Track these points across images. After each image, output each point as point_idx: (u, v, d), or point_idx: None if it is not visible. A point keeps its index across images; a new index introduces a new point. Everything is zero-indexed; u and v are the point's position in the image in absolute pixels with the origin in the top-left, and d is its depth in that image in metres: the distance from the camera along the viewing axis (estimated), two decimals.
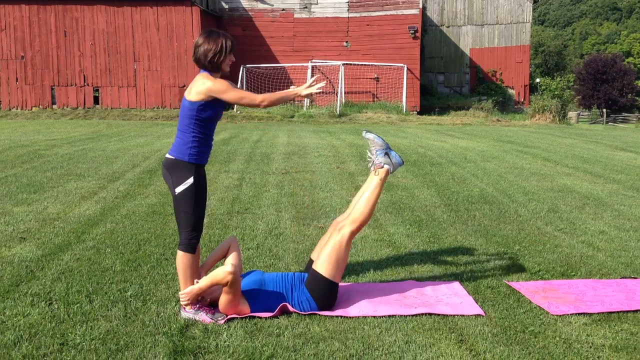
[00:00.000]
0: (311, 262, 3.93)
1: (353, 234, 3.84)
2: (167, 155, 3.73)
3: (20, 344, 3.21)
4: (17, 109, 26.44)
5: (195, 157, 3.67)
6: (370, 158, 4.01)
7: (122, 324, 3.50)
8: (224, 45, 3.65)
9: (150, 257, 4.83)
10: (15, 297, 3.89)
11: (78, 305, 3.77)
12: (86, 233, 5.56)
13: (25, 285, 4.11)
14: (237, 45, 3.82)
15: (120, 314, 3.64)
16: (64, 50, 26.04)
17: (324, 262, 3.78)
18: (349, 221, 3.87)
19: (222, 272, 3.51)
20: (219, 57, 3.65)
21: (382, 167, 3.93)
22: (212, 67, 3.67)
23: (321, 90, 3.74)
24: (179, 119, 3.72)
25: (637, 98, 50.61)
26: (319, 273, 3.77)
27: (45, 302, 3.82)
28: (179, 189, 3.66)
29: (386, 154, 3.94)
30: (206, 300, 3.72)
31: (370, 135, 3.97)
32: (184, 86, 25.59)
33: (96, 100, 26.31)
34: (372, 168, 3.97)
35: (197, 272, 3.77)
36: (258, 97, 3.66)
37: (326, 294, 3.74)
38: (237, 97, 3.64)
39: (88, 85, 26.19)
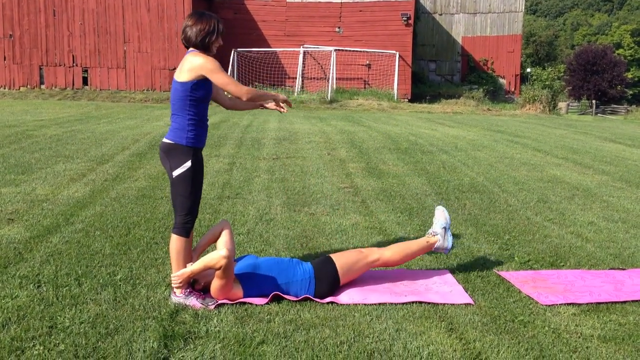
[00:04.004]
0: (327, 257, 4.00)
1: (374, 262, 4.04)
2: (164, 140, 3.69)
3: (8, 327, 3.18)
4: (4, 88, 26.14)
5: (192, 140, 3.65)
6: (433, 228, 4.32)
7: (112, 308, 3.48)
8: (216, 26, 3.63)
9: (140, 240, 4.80)
10: (3, 279, 3.85)
11: (67, 288, 3.75)
12: (75, 215, 5.52)
13: (14, 267, 4.08)
14: (228, 29, 3.83)
15: (109, 298, 3.62)
16: (52, 30, 25.74)
17: (342, 256, 3.96)
18: (382, 251, 4.08)
19: (217, 256, 3.49)
20: (212, 37, 3.63)
21: (435, 236, 4.23)
22: (202, 46, 3.64)
23: (284, 109, 3.98)
24: (172, 103, 3.68)
25: (627, 90, 50.88)
26: (333, 261, 3.89)
27: (34, 284, 3.79)
28: (176, 173, 3.63)
29: (444, 229, 4.24)
30: (200, 284, 3.71)
31: (441, 208, 4.34)
32: (174, 69, 25.34)
33: (85, 81, 26.06)
34: (429, 232, 4.28)
35: (189, 256, 3.75)
36: (244, 88, 3.69)
37: (328, 281, 3.80)
38: (225, 81, 3.61)
39: (77, 65, 25.93)
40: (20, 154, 8.94)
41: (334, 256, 3.96)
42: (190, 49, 3.67)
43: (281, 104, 3.95)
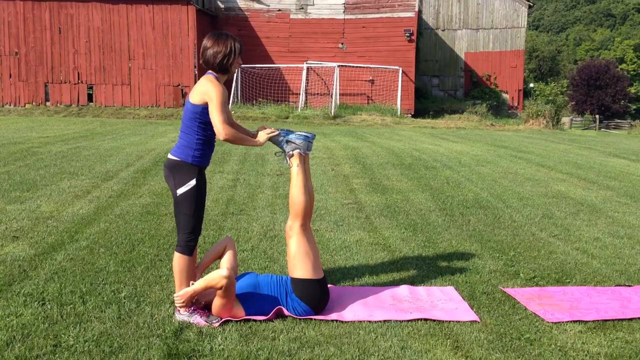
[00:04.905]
0: (291, 280, 3.91)
1: (303, 226, 3.86)
2: (170, 156, 3.70)
3: (12, 345, 3.17)
4: (10, 105, 26.28)
5: (198, 160, 3.65)
6: (281, 154, 4.02)
7: (116, 326, 3.47)
8: (233, 47, 3.65)
9: (144, 257, 4.80)
10: (7, 297, 3.85)
11: (71, 306, 3.74)
12: (80, 232, 5.53)
13: (18, 285, 4.08)
14: None
15: (114, 316, 3.61)
16: (58, 47, 25.92)
17: (294, 267, 3.80)
18: (291, 219, 3.89)
19: (217, 276, 3.49)
20: (228, 59, 3.65)
21: (292, 154, 3.93)
22: (220, 69, 3.66)
23: (274, 134, 3.80)
24: (182, 121, 3.70)
25: (630, 105, 50.88)
26: (297, 278, 3.77)
27: (38, 302, 3.78)
28: (180, 191, 3.64)
29: (287, 141, 3.94)
30: (200, 303, 3.70)
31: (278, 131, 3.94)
32: (179, 85, 25.52)
33: (90, 98, 26.18)
34: (286, 162, 3.98)
35: (193, 274, 3.75)
36: (225, 129, 3.51)
37: (315, 294, 3.73)
38: (214, 114, 3.51)
39: (82, 82, 26.07)
40: (25, 171, 8.96)
41: (292, 273, 3.80)
42: (209, 71, 3.69)
43: (263, 134, 3.78)
